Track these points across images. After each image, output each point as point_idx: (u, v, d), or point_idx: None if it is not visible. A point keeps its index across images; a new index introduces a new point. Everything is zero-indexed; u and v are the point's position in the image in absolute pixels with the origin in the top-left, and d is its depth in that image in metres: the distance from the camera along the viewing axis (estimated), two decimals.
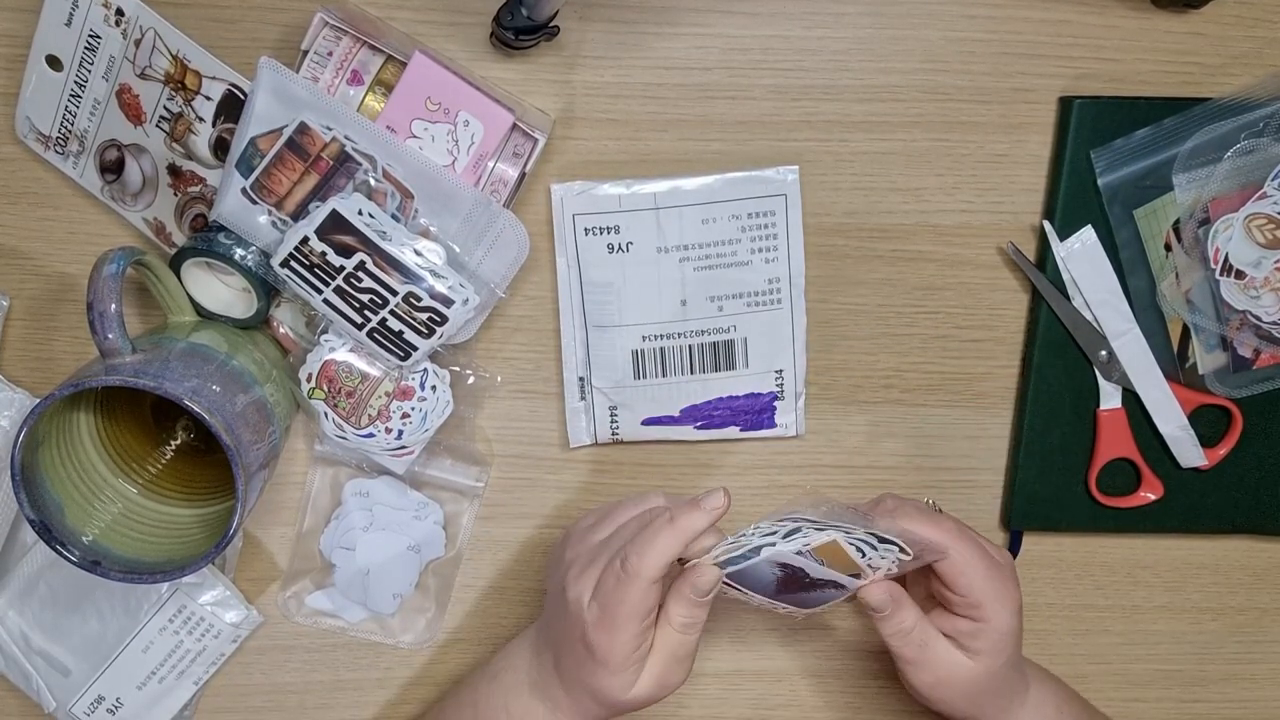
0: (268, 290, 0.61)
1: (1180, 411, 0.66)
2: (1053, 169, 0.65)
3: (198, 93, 0.59)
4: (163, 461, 0.65)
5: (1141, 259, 0.65)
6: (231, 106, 0.58)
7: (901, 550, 0.55)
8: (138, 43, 0.58)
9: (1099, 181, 0.64)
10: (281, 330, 0.63)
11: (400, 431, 0.62)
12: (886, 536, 0.55)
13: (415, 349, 0.59)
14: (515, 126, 0.59)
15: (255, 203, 0.58)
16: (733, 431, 0.67)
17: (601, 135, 0.64)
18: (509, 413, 0.67)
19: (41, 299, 0.65)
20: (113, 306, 0.54)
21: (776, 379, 0.66)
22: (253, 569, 0.68)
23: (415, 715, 0.70)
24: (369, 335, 0.59)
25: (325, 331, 0.61)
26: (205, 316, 0.62)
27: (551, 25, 0.59)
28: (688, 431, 0.67)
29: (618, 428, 0.67)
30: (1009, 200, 0.66)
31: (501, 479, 0.68)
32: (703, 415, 0.66)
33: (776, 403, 0.66)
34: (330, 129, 0.57)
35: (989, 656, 0.57)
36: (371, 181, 0.58)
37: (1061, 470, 0.67)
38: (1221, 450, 0.67)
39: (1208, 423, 0.67)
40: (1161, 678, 0.72)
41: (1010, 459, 0.68)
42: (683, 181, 0.63)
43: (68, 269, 0.65)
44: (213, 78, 0.58)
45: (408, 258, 0.57)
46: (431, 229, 0.59)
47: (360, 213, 0.57)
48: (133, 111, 0.60)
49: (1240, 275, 0.62)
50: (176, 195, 0.62)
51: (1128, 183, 0.64)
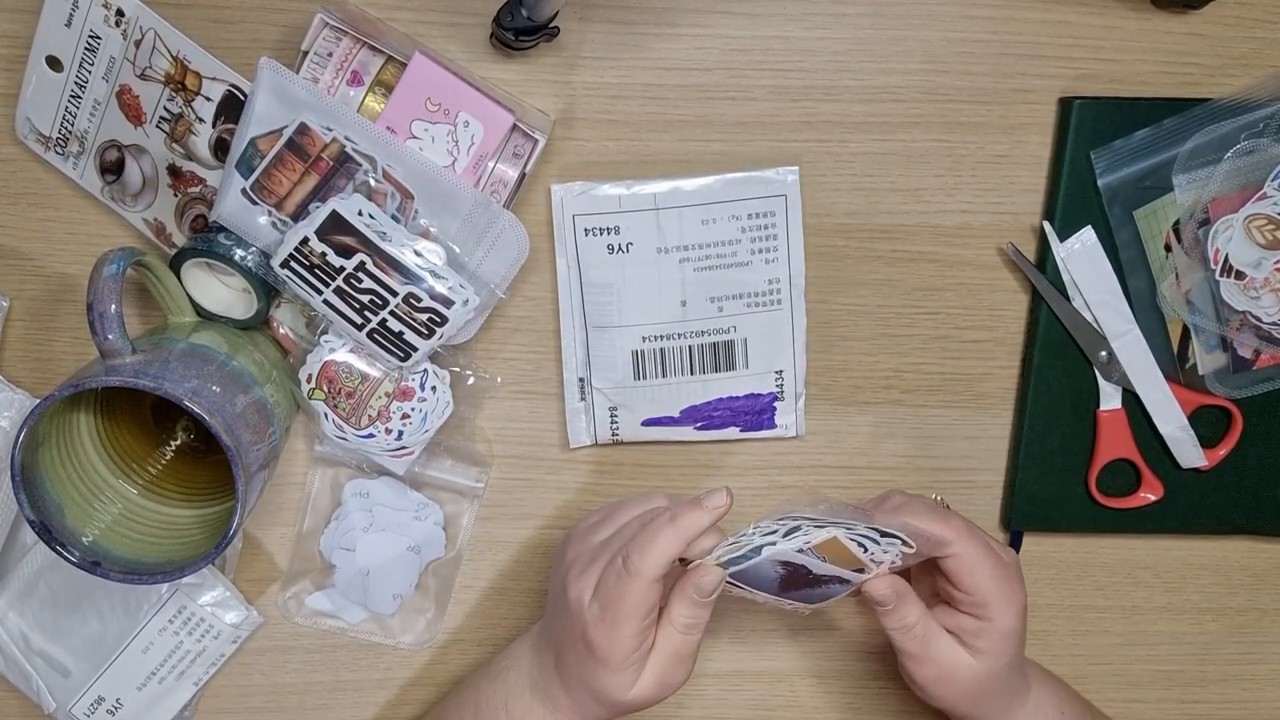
0: (268, 291, 0.61)
1: (1180, 412, 0.66)
2: (1053, 170, 0.65)
3: (198, 93, 0.59)
4: (163, 462, 0.65)
5: (1141, 259, 0.65)
6: (232, 107, 0.58)
7: (904, 544, 0.55)
8: (138, 43, 0.58)
9: (1099, 182, 0.64)
10: (281, 331, 0.63)
11: (400, 432, 0.62)
12: (889, 531, 0.54)
13: (415, 350, 0.59)
14: (515, 127, 0.59)
15: (255, 203, 0.58)
16: (733, 432, 0.67)
17: (601, 136, 0.64)
18: (509, 413, 0.67)
19: (41, 300, 0.65)
20: (113, 307, 0.54)
21: (777, 380, 0.66)
22: (253, 570, 0.68)
23: (416, 716, 0.70)
24: (369, 336, 0.59)
25: (325, 332, 0.61)
26: (205, 317, 0.62)
27: (551, 26, 0.59)
28: (688, 432, 0.67)
29: (618, 428, 0.67)
30: (1009, 201, 0.66)
31: (501, 480, 0.68)
32: (703, 416, 0.66)
33: (777, 403, 0.66)
34: (330, 130, 0.57)
35: (991, 656, 0.57)
36: (371, 182, 0.58)
37: (1061, 471, 0.67)
38: (1221, 451, 0.67)
39: (1208, 423, 0.67)
40: (1161, 678, 0.72)
41: (1010, 460, 0.68)
42: (683, 182, 0.63)
43: (68, 270, 0.65)
44: (213, 78, 0.58)
45: (408, 258, 0.57)
46: (431, 230, 0.59)
47: (360, 213, 0.57)
48: (133, 112, 0.60)
49: (1240, 276, 0.62)
50: (176, 196, 0.62)
51: (1128, 183, 0.64)
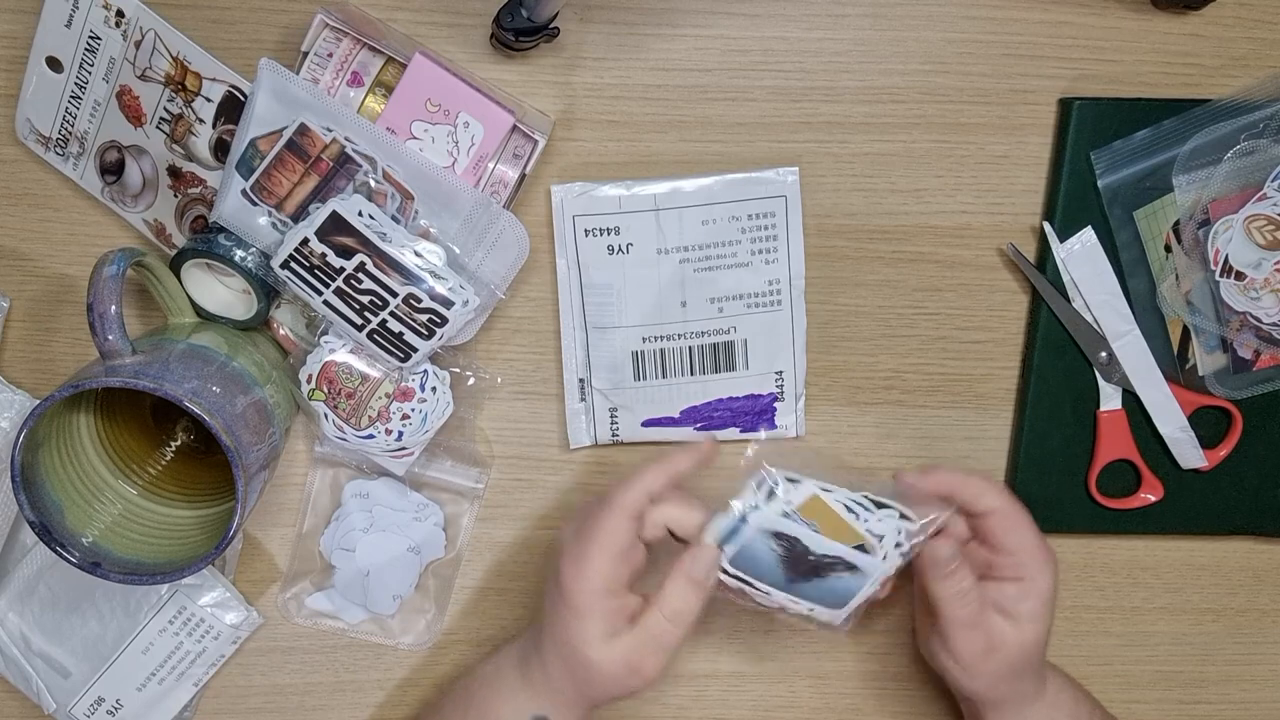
0: (268, 291, 0.61)
1: (1180, 413, 0.66)
2: (1053, 170, 0.65)
3: (198, 94, 0.59)
4: (163, 463, 0.65)
5: (1141, 260, 0.65)
6: (232, 108, 0.58)
7: (904, 516, 0.54)
8: (138, 44, 0.58)
9: (1099, 183, 0.64)
10: (281, 331, 0.63)
11: (400, 433, 0.62)
12: (882, 500, 0.54)
13: (415, 350, 0.59)
14: (515, 128, 0.59)
15: (255, 204, 0.58)
16: (733, 433, 0.67)
17: (601, 136, 0.64)
18: (509, 414, 0.67)
19: (41, 300, 0.65)
20: (113, 308, 0.54)
21: (776, 380, 0.66)
22: (253, 570, 0.68)
23: (417, 714, 0.70)
24: (369, 336, 0.59)
25: (325, 333, 0.61)
26: (205, 318, 0.62)
27: (551, 27, 0.59)
28: (688, 433, 0.67)
29: (618, 429, 0.66)
30: (1009, 201, 0.66)
31: (501, 480, 0.68)
32: (703, 417, 0.66)
33: (777, 404, 0.66)
34: (330, 130, 0.57)
35: (1032, 622, 0.58)
36: (371, 183, 0.58)
37: (1062, 471, 0.67)
38: (1222, 451, 0.67)
39: (1208, 424, 0.67)
40: (1162, 679, 0.72)
41: (1010, 460, 0.68)
42: (683, 183, 0.63)
43: (68, 270, 0.65)
44: (213, 79, 0.58)
45: (408, 259, 0.57)
46: (431, 230, 0.59)
47: (360, 214, 0.57)
48: (133, 113, 0.60)
49: (1240, 276, 0.62)
50: (177, 196, 0.62)
51: (1128, 184, 0.64)
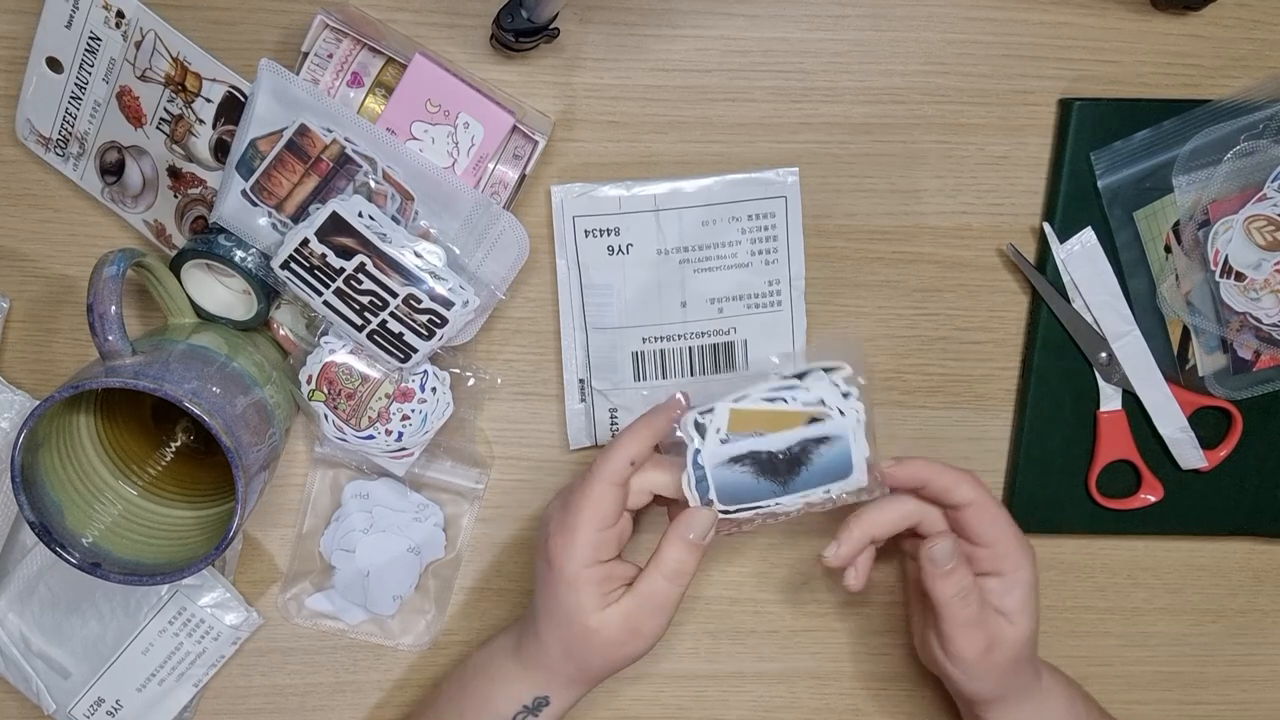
0: (268, 292, 0.61)
1: (1180, 413, 0.66)
2: (1052, 171, 0.65)
3: (198, 95, 0.59)
4: (163, 463, 0.65)
5: (1141, 261, 0.65)
6: (232, 108, 0.58)
7: (827, 370, 0.55)
8: (138, 45, 0.58)
9: (1099, 183, 0.64)
10: (281, 332, 0.63)
11: (400, 433, 0.62)
12: (801, 370, 0.55)
13: (415, 351, 0.59)
14: (515, 128, 0.59)
15: (255, 204, 0.58)
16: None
17: (601, 137, 0.64)
18: (509, 414, 0.67)
19: (42, 301, 0.65)
20: (113, 308, 0.54)
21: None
22: (253, 571, 0.68)
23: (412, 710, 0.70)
24: (369, 337, 0.59)
25: (325, 333, 0.61)
26: (205, 318, 0.62)
27: (551, 27, 0.59)
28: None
29: (618, 429, 0.66)
30: (1009, 202, 0.66)
31: (501, 481, 0.68)
32: None
33: None
34: (330, 131, 0.57)
35: (1023, 615, 0.58)
36: (371, 183, 0.58)
37: (1062, 472, 0.67)
38: (1222, 452, 0.67)
39: (1208, 424, 0.67)
40: (1162, 680, 0.72)
41: (1010, 461, 0.68)
42: (683, 183, 0.63)
43: (68, 271, 0.65)
44: (213, 80, 0.58)
45: (408, 260, 0.57)
46: (431, 231, 0.59)
47: (360, 215, 0.57)
48: (133, 113, 0.60)
49: (1240, 277, 0.62)
50: (177, 197, 0.62)
51: (1127, 184, 0.64)
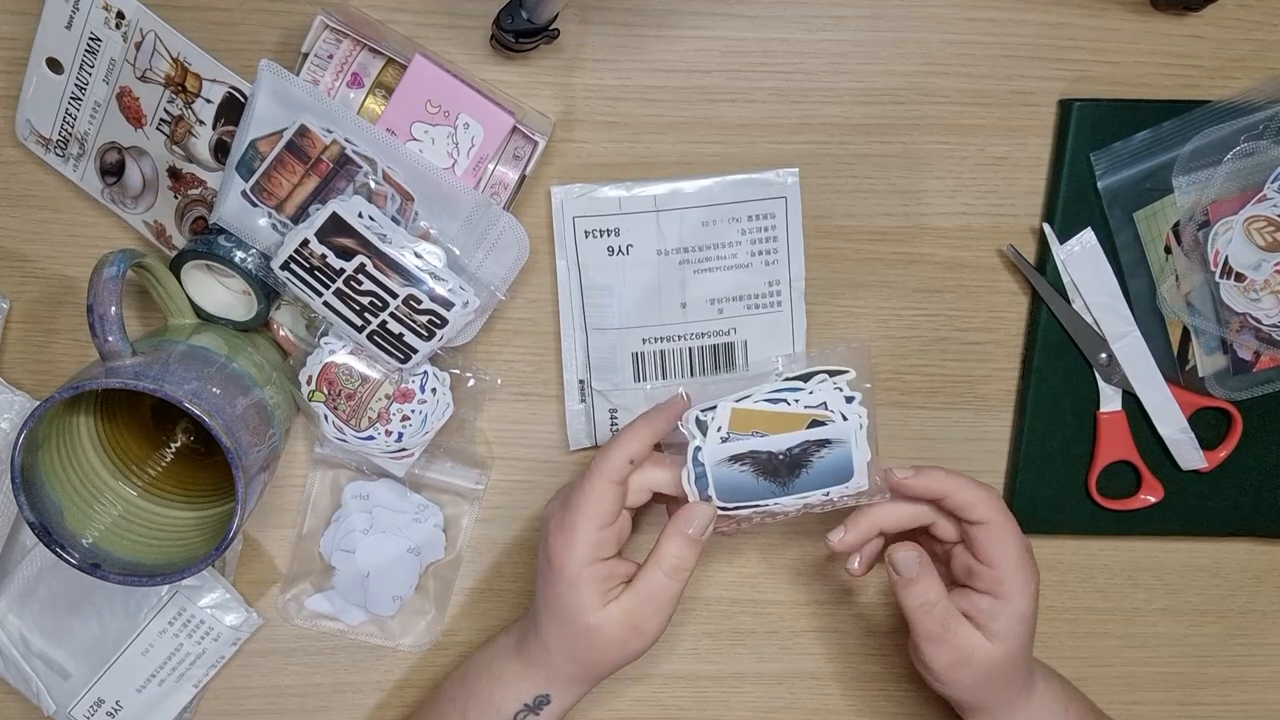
0: (268, 293, 0.61)
1: (1180, 414, 0.66)
2: (1052, 171, 0.65)
3: (198, 95, 0.59)
4: (163, 464, 0.65)
5: (1141, 261, 0.65)
6: (232, 109, 0.58)
7: (831, 374, 0.55)
8: (138, 45, 0.58)
9: (1099, 184, 0.64)
10: (281, 333, 0.63)
11: (400, 434, 0.62)
12: (805, 373, 0.55)
13: (415, 351, 0.59)
14: (515, 129, 0.59)
15: (255, 205, 0.58)
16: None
17: (601, 138, 0.64)
18: (509, 415, 0.67)
19: (42, 301, 0.65)
20: (113, 309, 0.54)
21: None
22: (252, 571, 0.68)
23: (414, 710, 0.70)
24: (369, 338, 0.59)
25: (325, 334, 0.61)
26: (205, 319, 0.62)
27: (551, 28, 0.59)
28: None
29: (618, 430, 0.66)
30: (1009, 203, 0.66)
31: (502, 481, 0.68)
32: None
33: None
34: (330, 131, 0.57)
35: (1006, 638, 0.57)
36: (371, 184, 0.58)
37: (1062, 473, 0.67)
38: (1222, 453, 0.67)
39: (1208, 425, 0.67)
40: (1162, 680, 0.72)
41: (1010, 462, 0.68)
42: (683, 184, 0.63)
43: (68, 271, 0.65)
44: (213, 80, 0.58)
45: (408, 260, 0.57)
46: (431, 231, 0.59)
47: (360, 215, 0.57)
48: (133, 114, 0.60)
49: (1240, 278, 0.62)
50: (177, 198, 0.62)
51: (1127, 185, 0.64)
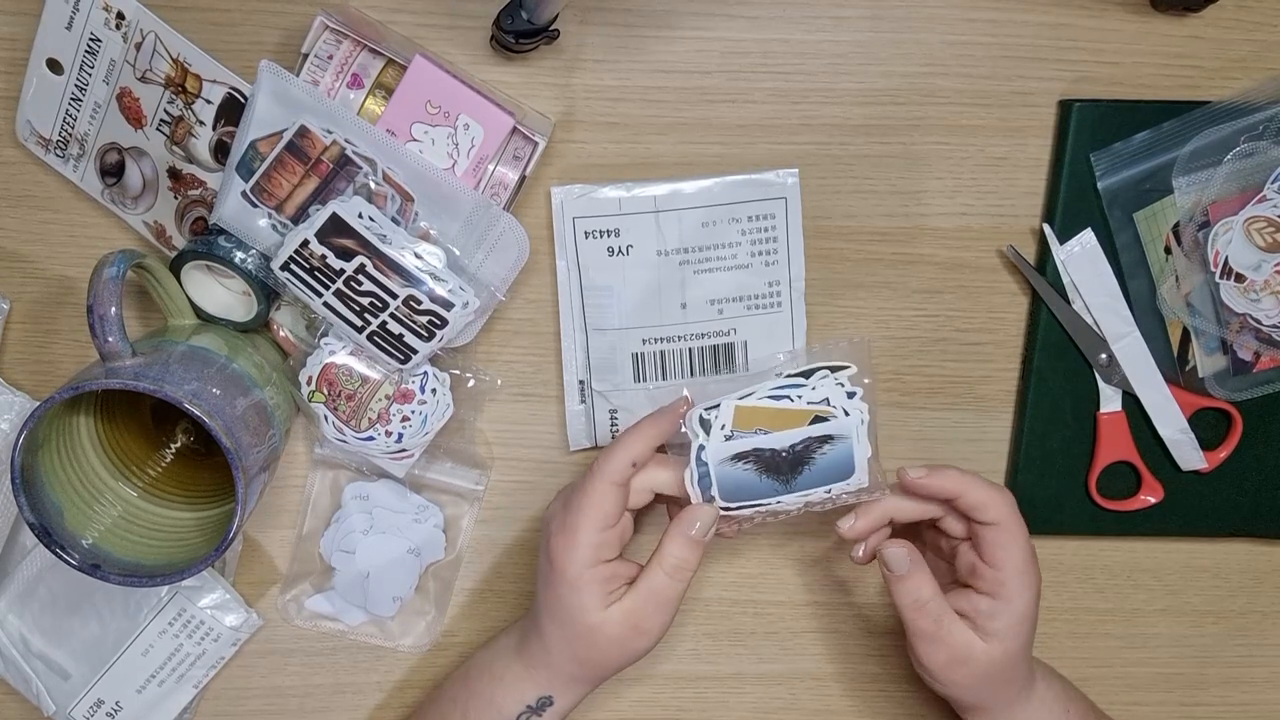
0: (268, 293, 0.61)
1: (1180, 415, 0.66)
2: (1052, 172, 0.65)
3: (198, 96, 0.59)
4: (163, 465, 0.65)
5: (1141, 262, 0.65)
6: (232, 110, 0.58)
7: (834, 370, 0.55)
8: (138, 46, 0.58)
9: (1099, 184, 0.64)
10: (281, 333, 0.63)
11: (400, 434, 0.62)
12: (806, 369, 0.55)
13: (415, 352, 0.59)
14: (515, 129, 0.59)
15: (255, 206, 0.58)
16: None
17: (601, 138, 0.64)
18: (509, 416, 0.67)
19: (42, 302, 0.65)
20: (113, 309, 0.54)
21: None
22: (252, 572, 0.68)
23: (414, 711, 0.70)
24: (369, 338, 0.59)
25: (325, 334, 0.61)
26: (205, 319, 0.62)
27: (551, 29, 0.59)
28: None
29: (618, 431, 0.66)
30: (1009, 203, 0.66)
31: (502, 482, 0.68)
32: None
33: None
34: (330, 132, 0.57)
35: (1003, 640, 0.57)
36: (371, 184, 0.58)
37: (1062, 473, 0.67)
38: (1222, 453, 0.67)
39: (1208, 426, 0.67)
40: (1162, 681, 0.72)
41: (1010, 462, 0.68)
42: (683, 184, 0.63)
43: (68, 272, 0.65)
44: (213, 81, 0.58)
45: (408, 261, 0.57)
46: (432, 232, 0.59)
47: (360, 216, 0.57)
48: (133, 115, 0.60)
49: (1240, 278, 0.62)
50: (177, 198, 0.62)
51: (1127, 186, 0.64)
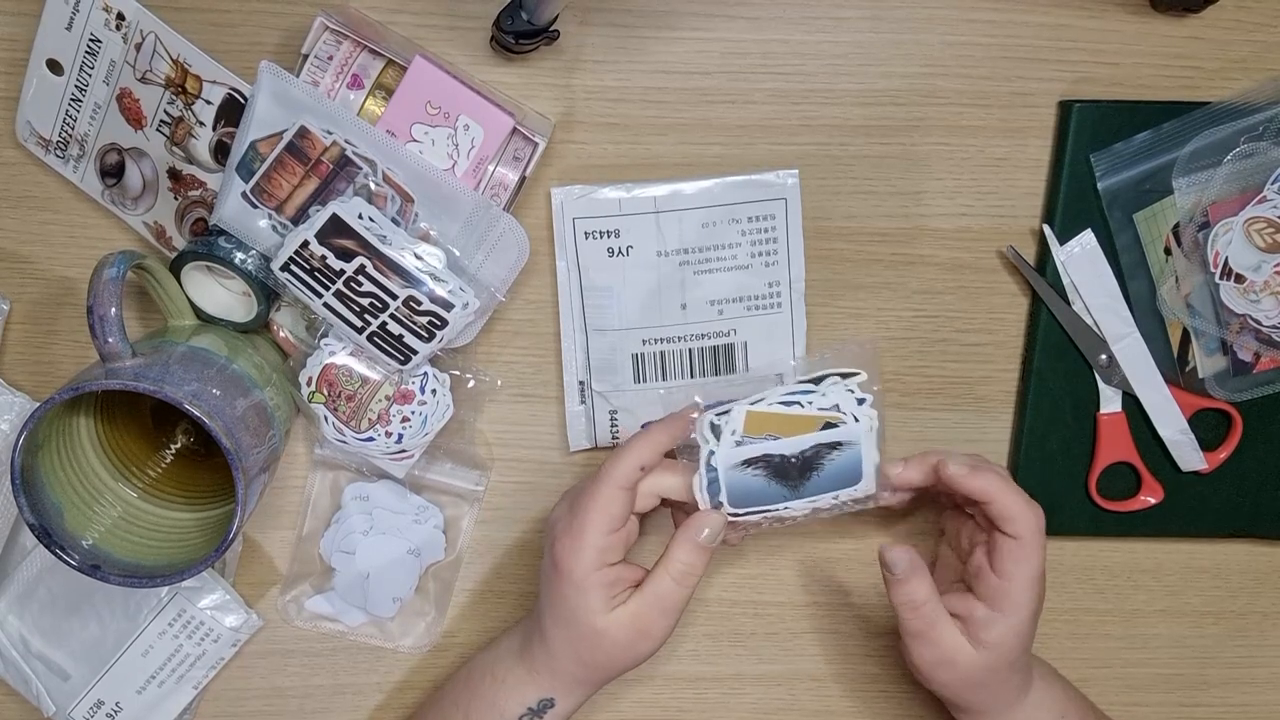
0: (268, 294, 0.61)
1: (1180, 415, 0.66)
2: (1052, 173, 0.65)
3: (198, 97, 0.59)
4: (163, 465, 0.65)
5: (1141, 263, 0.65)
6: (232, 110, 0.58)
7: (844, 376, 0.55)
8: (138, 47, 0.58)
9: (1099, 185, 0.64)
10: (281, 334, 0.63)
11: (400, 435, 0.62)
12: (817, 375, 0.54)
13: (415, 353, 0.59)
14: (515, 130, 0.59)
15: (255, 206, 0.58)
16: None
17: (601, 139, 0.64)
18: (509, 416, 0.67)
19: (42, 303, 0.65)
20: (113, 310, 0.54)
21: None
22: (252, 573, 0.68)
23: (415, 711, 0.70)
24: (369, 339, 0.59)
25: (325, 335, 0.61)
26: (205, 320, 0.62)
27: (552, 29, 0.59)
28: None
29: (618, 431, 0.66)
30: (1009, 204, 0.66)
31: (501, 482, 0.68)
32: None
33: None
34: (330, 133, 0.57)
35: (995, 650, 0.57)
36: (371, 185, 0.58)
37: (1062, 474, 0.67)
38: (1221, 454, 0.67)
39: (1208, 426, 0.67)
40: (1162, 682, 0.72)
41: (1010, 463, 0.68)
42: (683, 185, 0.63)
43: (68, 273, 0.65)
44: (213, 82, 0.58)
45: (408, 261, 0.57)
46: (432, 233, 0.59)
47: (360, 216, 0.57)
48: (133, 115, 0.60)
49: (1240, 279, 0.62)
50: (177, 199, 0.62)
51: (1127, 186, 0.64)
